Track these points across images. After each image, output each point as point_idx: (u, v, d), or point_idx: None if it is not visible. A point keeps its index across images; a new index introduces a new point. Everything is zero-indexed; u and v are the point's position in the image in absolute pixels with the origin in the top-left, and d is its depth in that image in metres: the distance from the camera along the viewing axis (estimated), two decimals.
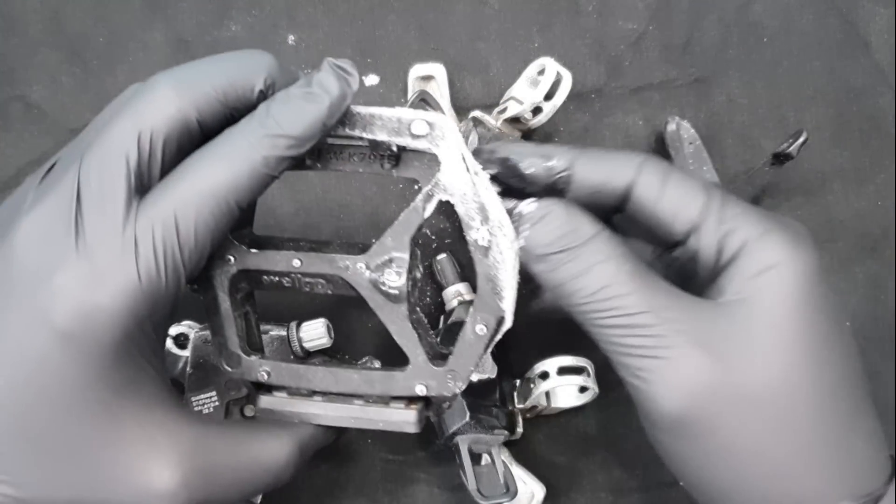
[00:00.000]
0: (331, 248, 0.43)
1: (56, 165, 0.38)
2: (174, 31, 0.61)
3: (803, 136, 0.54)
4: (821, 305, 0.38)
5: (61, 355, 0.35)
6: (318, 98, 0.37)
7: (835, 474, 0.38)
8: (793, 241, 0.39)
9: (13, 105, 0.60)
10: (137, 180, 0.36)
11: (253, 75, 0.37)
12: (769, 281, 0.38)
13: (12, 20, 0.60)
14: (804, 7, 0.61)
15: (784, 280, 0.38)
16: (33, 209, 0.36)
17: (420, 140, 0.40)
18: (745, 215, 0.39)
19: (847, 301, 0.60)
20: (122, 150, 0.35)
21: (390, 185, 0.59)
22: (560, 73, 0.53)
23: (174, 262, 0.36)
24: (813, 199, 0.61)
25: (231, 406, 0.53)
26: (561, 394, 0.54)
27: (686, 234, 0.40)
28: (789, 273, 0.38)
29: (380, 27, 0.61)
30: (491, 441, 0.54)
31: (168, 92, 0.36)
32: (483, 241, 0.40)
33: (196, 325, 0.54)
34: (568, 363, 0.53)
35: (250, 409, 0.53)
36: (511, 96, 0.55)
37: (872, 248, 0.61)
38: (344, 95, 0.37)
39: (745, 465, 0.38)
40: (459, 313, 0.54)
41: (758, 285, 0.38)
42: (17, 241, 0.35)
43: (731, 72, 0.61)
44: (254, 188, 0.37)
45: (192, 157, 0.37)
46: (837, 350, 0.39)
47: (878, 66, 0.61)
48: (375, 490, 0.59)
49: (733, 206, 0.40)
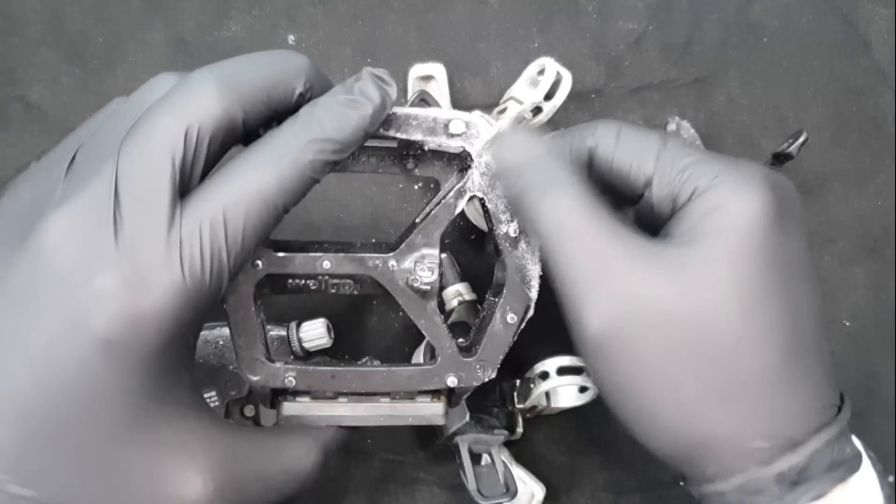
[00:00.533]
0: (357, 249, 0.43)
1: (80, 158, 0.36)
2: (174, 31, 0.61)
3: (803, 136, 0.54)
4: (770, 247, 0.38)
5: (101, 363, 0.33)
6: (361, 105, 0.37)
7: (750, 414, 0.38)
8: (743, 183, 0.38)
9: (13, 105, 0.60)
10: (182, 178, 0.35)
11: (293, 77, 0.37)
12: (712, 222, 0.38)
13: (12, 20, 0.60)
14: (804, 7, 0.61)
15: (729, 221, 0.38)
16: (65, 205, 0.34)
17: (455, 139, 0.41)
18: (699, 163, 0.39)
19: (847, 301, 0.60)
20: (167, 145, 0.34)
21: (391, 185, 0.59)
22: (560, 73, 0.53)
23: (220, 265, 0.35)
24: (813, 199, 0.61)
25: (231, 406, 0.53)
26: (561, 393, 0.54)
27: (643, 188, 0.40)
28: (735, 214, 0.38)
29: (380, 27, 0.61)
30: (491, 441, 0.54)
31: (213, 89, 0.35)
32: (513, 232, 0.43)
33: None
34: (567, 363, 0.53)
35: (250, 409, 0.53)
36: (511, 96, 0.55)
37: (872, 248, 0.61)
38: (384, 104, 0.38)
39: (654, 391, 0.38)
40: (460, 313, 0.54)
41: (701, 227, 0.38)
42: (48, 240, 0.33)
43: (731, 72, 0.61)
44: (299, 191, 0.37)
45: (238, 158, 0.36)
46: (785, 295, 0.38)
47: (879, 66, 0.61)
48: (375, 490, 0.59)
49: (687, 154, 0.40)
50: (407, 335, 0.59)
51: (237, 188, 0.35)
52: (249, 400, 0.54)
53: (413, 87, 0.58)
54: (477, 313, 0.48)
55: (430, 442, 0.59)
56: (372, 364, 0.53)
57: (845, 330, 0.60)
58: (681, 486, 0.43)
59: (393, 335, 0.59)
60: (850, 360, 0.60)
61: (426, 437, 0.59)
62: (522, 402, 0.55)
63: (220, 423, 0.40)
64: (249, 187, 0.35)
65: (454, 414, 0.53)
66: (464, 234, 0.59)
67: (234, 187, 0.35)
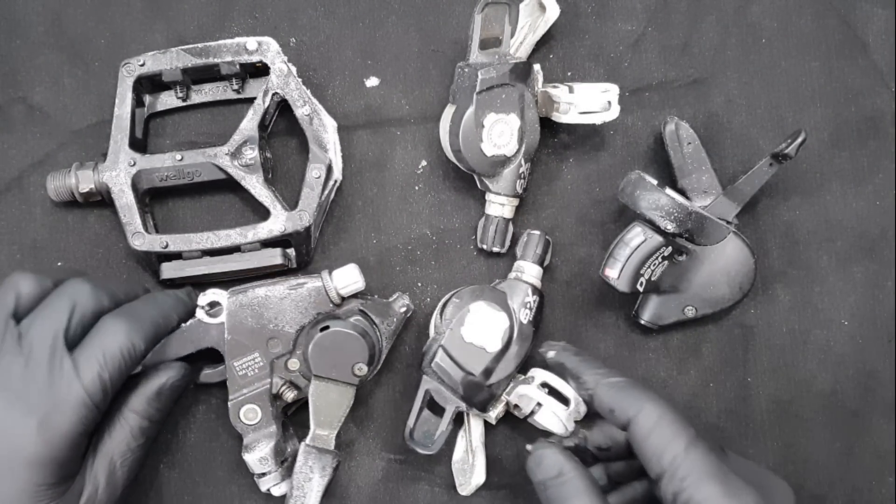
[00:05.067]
0: (203, 146, 0.59)
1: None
2: (175, 32, 0.61)
3: (801, 137, 0.55)
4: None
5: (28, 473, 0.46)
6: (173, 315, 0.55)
7: None
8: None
9: (15, 107, 0.60)
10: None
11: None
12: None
13: (14, 22, 0.61)
14: (802, 8, 0.62)
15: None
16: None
17: (254, 55, 0.57)
18: (706, 481, 0.44)
19: (845, 301, 0.60)
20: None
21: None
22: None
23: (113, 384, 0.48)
24: (811, 199, 0.61)
25: (275, 363, 0.56)
26: (545, 413, 0.54)
27: (658, 478, 0.45)
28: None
29: (380, 29, 0.61)
30: (448, 399, 0.55)
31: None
32: (308, 112, 0.58)
33: (223, 292, 0.56)
34: (555, 384, 0.54)
35: (294, 363, 0.56)
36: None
37: (870, 248, 0.61)
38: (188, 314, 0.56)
39: None
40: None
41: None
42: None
43: (730, 72, 0.61)
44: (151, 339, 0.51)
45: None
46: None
47: (877, 66, 0.61)
48: (376, 490, 0.59)
49: (704, 464, 0.44)
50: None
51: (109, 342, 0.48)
52: (293, 355, 0.55)
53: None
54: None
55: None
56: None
57: (844, 329, 0.60)
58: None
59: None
60: (848, 360, 0.60)
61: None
62: (511, 394, 0.56)
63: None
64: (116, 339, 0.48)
65: (429, 354, 0.54)
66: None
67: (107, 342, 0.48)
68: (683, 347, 0.60)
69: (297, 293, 0.56)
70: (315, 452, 0.54)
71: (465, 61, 0.56)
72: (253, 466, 0.55)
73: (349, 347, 0.54)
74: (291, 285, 0.56)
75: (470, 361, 0.54)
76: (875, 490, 0.60)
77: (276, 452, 0.55)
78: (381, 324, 0.57)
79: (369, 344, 0.55)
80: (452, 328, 0.54)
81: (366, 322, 0.56)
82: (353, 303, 0.57)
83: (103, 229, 0.60)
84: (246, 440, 0.55)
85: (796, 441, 0.60)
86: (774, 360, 0.60)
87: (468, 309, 0.54)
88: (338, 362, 0.54)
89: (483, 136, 0.55)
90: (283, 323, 0.55)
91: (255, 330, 0.55)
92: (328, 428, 0.55)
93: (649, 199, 0.53)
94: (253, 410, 0.55)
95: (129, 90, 0.57)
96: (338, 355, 0.54)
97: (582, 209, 0.61)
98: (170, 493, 0.59)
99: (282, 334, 0.55)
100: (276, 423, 0.55)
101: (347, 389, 0.55)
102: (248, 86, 0.60)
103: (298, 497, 0.54)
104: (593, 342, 0.60)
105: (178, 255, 0.57)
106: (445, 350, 0.54)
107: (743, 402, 0.60)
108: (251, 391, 0.55)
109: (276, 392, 0.56)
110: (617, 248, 0.54)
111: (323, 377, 0.55)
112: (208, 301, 0.56)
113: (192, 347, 0.55)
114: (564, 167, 0.61)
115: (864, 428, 0.60)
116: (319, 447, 0.54)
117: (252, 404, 0.55)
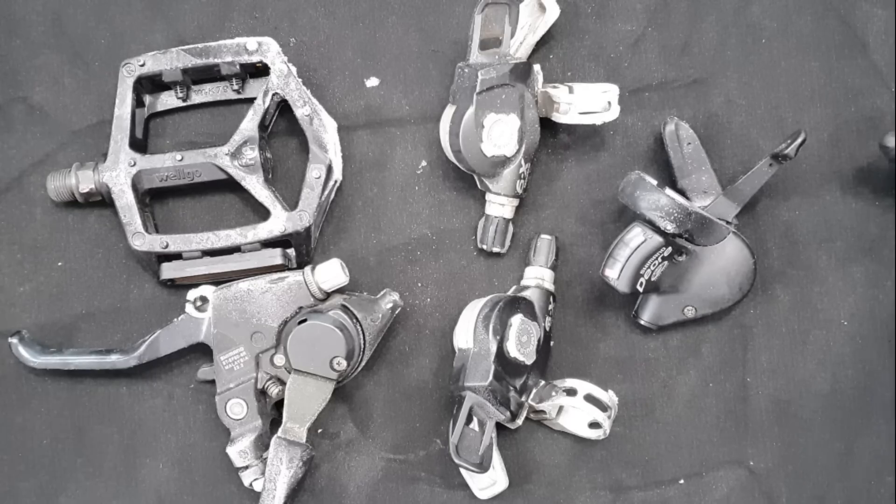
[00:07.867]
0: (203, 146, 0.58)
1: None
2: (175, 32, 0.61)
3: (801, 137, 0.55)
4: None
5: None
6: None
7: None
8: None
9: (16, 106, 0.60)
10: None
11: None
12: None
13: (14, 22, 0.61)
14: (802, 8, 0.62)
15: None
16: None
17: (254, 55, 0.57)
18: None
19: (845, 300, 0.60)
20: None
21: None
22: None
23: None
24: (811, 199, 0.61)
25: (260, 357, 0.56)
26: (573, 416, 0.54)
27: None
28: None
29: (380, 29, 0.61)
30: (492, 413, 0.54)
31: None
32: (308, 113, 0.57)
33: (212, 288, 0.57)
34: (598, 395, 0.54)
35: (279, 358, 0.56)
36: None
37: (870, 247, 0.61)
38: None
39: None
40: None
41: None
42: None
43: (730, 73, 0.61)
44: None
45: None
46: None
47: (876, 66, 0.61)
48: (376, 490, 0.59)
49: None
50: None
51: None
52: (278, 350, 0.56)
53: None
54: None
55: (430, 442, 0.59)
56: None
57: (843, 330, 0.60)
58: (680, 484, 0.43)
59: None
60: (848, 360, 0.60)
61: (427, 438, 0.59)
62: (537, 401, 0.56)
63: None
64: None
65: (477, 371, 0.54)
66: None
67: None
68: (683, 347, 0.60)
69: (279, 287, 0.56)
70: (285, 444, 0.54)
71: (465, 61, 0.56)
72: (234, 459, 0.55)
73: (327, 341, 0.54)
74: (273, 279, 0.56)
75: (511, 375, 0.54)
76: (875, 490, 0.60)
77: (257, 446, 0.55)
78: (363, 319, 0.56)
79: (347, 338, 0.55)
80: (496, 343, 0.54)
81: (346, 317, 0.56)
82: (336, 298, 0.57)
83: (103, 229, 0.60)
84: (232, 434, 0.55)
85: (796, 441, 0.60)
86: (774, 360, 0.60)
87: (510, 323, 0.54)
88: (316, 356, 0.54)
89: (483, 137, 0.55)
90: (266, 317, 0.56)
91: (239, 324, 0.56)
92: (300, 421, 0.55)
93: (649, 200, 0.53)
94: (239, 405, 0.56)
95: (130, 90, 0.57)
96: (316, 349, 0.54)
97: (582, 209, 0.61)
98: (170, 494, 0.59)
99: (265, 328, 0.56)
100: (261, 418, 0.55)
101: (325, 384, 0.55)
102: (248, 86, 0.60)
103: (270, 490, 0.54)
104: (593, 342, 0.60)
105: (178, 256, 0.58)
106: (496, 367, 0.54)
107: (743, 402, 0.60)
108: (237, 385, 0.56)
109: (261, 387, 0.56)
110: (617, 249, 0.54)
111: (302, 371, 0.55)
112: (196, 296, 0.57)
113: (184, 343, 0.56)
114: (564, 167, 0.61)
115: (863, 428, 0.60)
116: (290, 439, 0.54)
117: (238, 399, 0.56)
